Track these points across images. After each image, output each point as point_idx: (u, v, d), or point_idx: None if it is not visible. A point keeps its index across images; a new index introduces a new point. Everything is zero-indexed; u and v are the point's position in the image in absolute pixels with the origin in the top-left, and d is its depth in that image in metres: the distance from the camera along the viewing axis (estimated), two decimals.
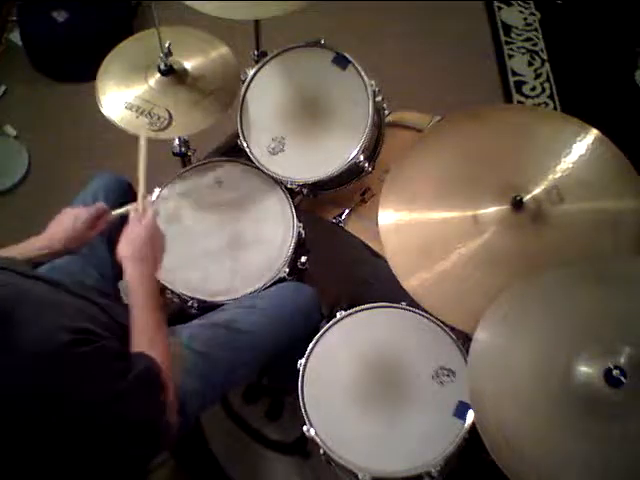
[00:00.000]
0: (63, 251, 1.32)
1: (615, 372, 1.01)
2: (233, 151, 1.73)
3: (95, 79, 1.59)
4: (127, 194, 1.62)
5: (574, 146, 1.32)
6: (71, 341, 0.99)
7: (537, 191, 1.29)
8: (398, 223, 1.35)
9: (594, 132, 1.32)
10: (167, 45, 1.53)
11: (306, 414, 1.32)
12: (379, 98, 1.55)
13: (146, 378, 1.09)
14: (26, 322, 0.98)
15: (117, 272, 1.53)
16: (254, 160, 1.59)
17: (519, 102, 2.50)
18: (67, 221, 1.32)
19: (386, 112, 1.64)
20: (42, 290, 1.12)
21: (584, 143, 1.32)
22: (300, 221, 1.56)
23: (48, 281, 1.16)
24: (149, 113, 1.54)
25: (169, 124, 1.54)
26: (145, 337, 1.16)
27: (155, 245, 1.28)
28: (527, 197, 1.27)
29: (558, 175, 1.30)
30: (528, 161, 1.33)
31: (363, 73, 1.55)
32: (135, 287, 1.21)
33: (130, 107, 1.55)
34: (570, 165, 1.30)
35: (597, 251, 1.25)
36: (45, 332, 0.99)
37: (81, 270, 1.44)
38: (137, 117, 1.54)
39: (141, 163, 1.34)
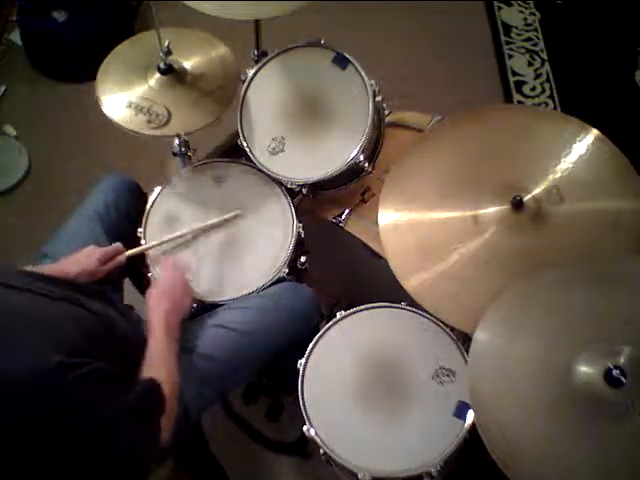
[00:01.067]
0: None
1: (615, 372, 1.01)
2: (233, 151, 1.73)
3: (95, 79, 1.59)
4: (136, 195, 1.62)
5: (574, 146, 1.32)
6: (58, 367, 0.97)
7: (537, 191, 1.29)
8: (398, 223, 1.35)
9: (594, 132, 1.32)
10: (167, 44, 1.53)
11: (306, 414, 1.32)
12: (379, 98, 1.55)
13: (146, 402, 1.10)
14: (8, 346, 0.97)
15: (127, 270, 1.54)
16: (254, 160, 1.59)
17: (519, 102, 2.50)
18: (81, 258, 1.35)
19: (386, 112, 1.64)
20: (31, 306, 1.09)
21: (584, 143, 1.32)
22: (300, 221, 1.56)
23: (42, 293, 1.13)
24: (148, 111, 1.54)
25: (168, 122, 1.54)
26: (156, 367, 1.17)
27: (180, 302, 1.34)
28: (527, 197, 1.27)
29: (558, 175, 1.30)
30: (528, 161, 1.33)
31: (363, 73, 1.55)
32: (157, 319, 1.24)
33: (129, 105, 1.55)
34: (570, 165, 1.30)
35: (597, 251, 1.25)
36: (31, 358, 0.97)
37: None
38: (136, 115, 1.55)
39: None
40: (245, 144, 1.60)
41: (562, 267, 1.18)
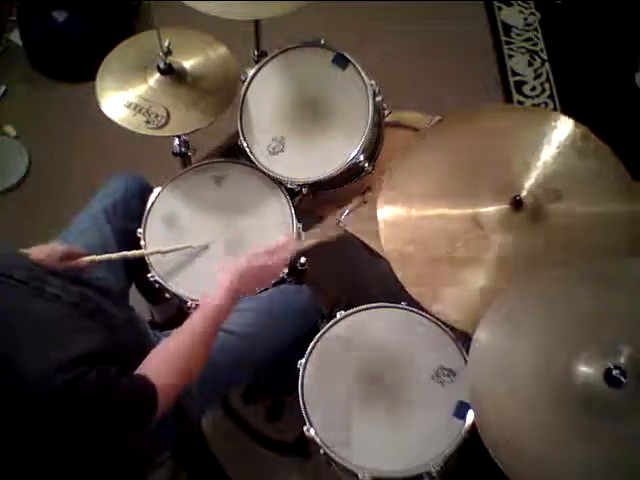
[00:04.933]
0: None
1: (615, 372, 1.01)
2: (233, 151, 1.73)
3: (95, 79, 1.59)
4: (145, 195, 1.61)
5: (573, 145, 1.32)
6: (69, 379, 0.96)
7: (536, 190, 1.29)
8: (397, 224, 1.35)
9: (591, 131, 1.32)
10: (166, 44, 1.53)
11: (306, 414, 1.32)
12: (379, 98, 1.55)
13: (139, 399, 1.06)
14: (22, 354, 0.96)
15: (129, 273, 1.53)
16: (254, 160, 1.59)
17: (519, 102, 2.50)
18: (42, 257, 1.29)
19: (386, 112, 1.64)
20: (41, 307, 1.07)
21: (583, 142, 1.32)
22: (300, 221, 1.56)
23: (49, 292, 1.12)
24: (147, 111, 1.54)
25: (166, 122, 1.54)
26: (167, 363, 1.12)
27: (252, 286, 1.27)
28: (527, 196, 1.27)
29: (557, 174, 1.30)
30: (527, 161, 1.33)
31: (363, 73, 1.55)
32: (203, 313, 1.16)
33: (128, 105, 1.55)
34: (569, 164, 1.30)
35: (597, 250, 1.25)
36: (43, 368, 0.96)
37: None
38: (134, 115, 1.54)
39: None
40: (245, 144, 1.60)
41: (562, 267, 1.18)
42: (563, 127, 1.35)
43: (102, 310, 1.17)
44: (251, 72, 1.63)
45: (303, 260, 1.55)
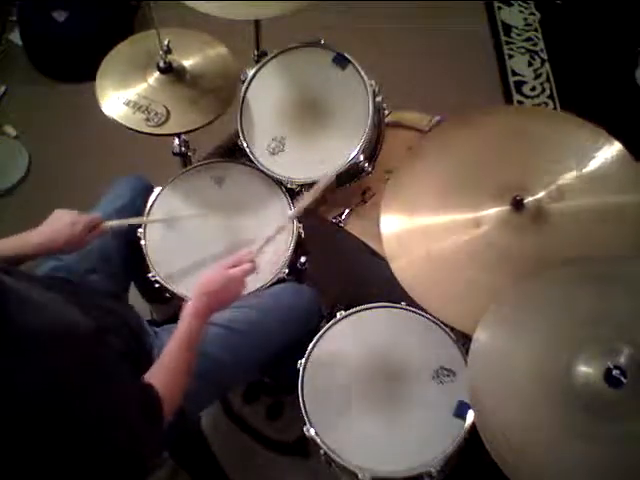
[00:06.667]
0: (58, 252, 1.33)
1: (615, 372, 1.01)
2: (233, 151, 1.73)
3: (95, 79, 1.59)
4: (148, 194, 1.61)
5: (572, 144, 1.32)
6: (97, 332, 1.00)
7: (537, 190, 1.29)
8: (398, 224, 1.35)
9: (592, 128, 1.32)
10: (166, 43, 1.53)
11: (306, 414, 1.32)
12: (379, 98, 1.55)
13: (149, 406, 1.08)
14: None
15: (128, 272, 1.54)
16: (254, 160, 1.59)
17: (519, 102, 2.50)
18: (66, 226, 1.31)
19: (386, 112, 1.64)
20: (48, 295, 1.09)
21: (583, 140, 1.32)
22: (300, 221, 1.56)
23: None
24: (147, 109, 1.55)
25: (166, 121, 1.54)
26: (168, 375, 1.14)
27: (224, 297, 1.24)
28: (527, 196, 1.27)
29: (557, 173, 1.30)
30: (527, 161, 1.33)
31: (363, 73, 1.55)
32: (185, 322, 1.18)
33: (128, 103, 1.55)
34: (569, 163, 1.30)
35: (597, 249, 1.24)
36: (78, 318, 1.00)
37: (85, 269, 1.44)
38: (134, 113, 1.55)
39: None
40: (245, 144, 1.60)
41: (562, 267, 1.18)
42: (565, 126, 1.36)
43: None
44: (251, 72, 1.63)
45: (303, 260, 1.55)
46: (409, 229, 1.34)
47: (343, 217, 1.62)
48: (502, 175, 1.32)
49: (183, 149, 1.71)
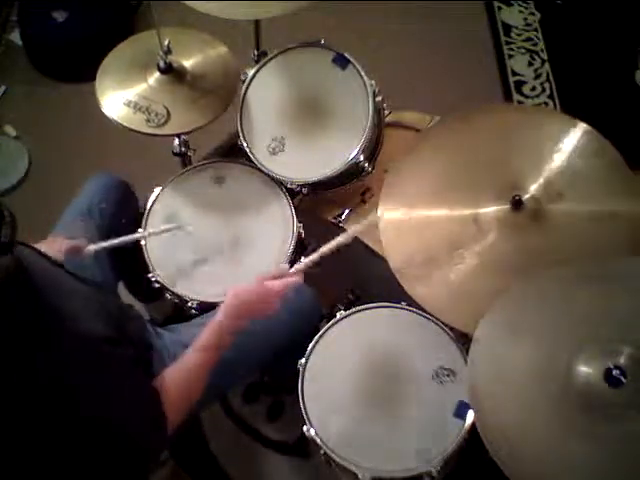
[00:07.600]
0: None
1: (615, 372, 1.01)
2: (233, 151, 1.73)
3: (95, 79, 1.59)
4: (126, 195, 1.62)
5: (572, 143, 1.31)
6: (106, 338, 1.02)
7: (536, 190, 1.28)
8: (398, 224, 1.34)
9: (590, 129, 1.32)
10: (166, 43, 1.53)
11: (306, 414, 1.32)
12: (379, 98, 1.55)
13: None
14: (73, 316, 1.01)
15: (116, 271, 1.54)
16: (254, 160, 1.59)
17: (519, 102, 2.50)
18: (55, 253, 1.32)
19: (386, 112, 1.64)
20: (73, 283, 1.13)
21: (582, 140, 1.31)
22: (300, 221, 1.56)
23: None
24: (147, 110, 1.55)
25: (167, 121, 1.54)
26: (180, 386, 1.17)
27: (254, 313, 1.25)
28: (526, 196, 1.27)
29: (557, 173, 1.30)
30: (526, 160, 1.33)
31: (363, 73, 1.55)
32: (210, 332, 1.20)
33: (128, 103, 1.55)
34: (568, 162, 1.30)
35: (597, 249, 1.24)
36: (87, 327, 1.01)
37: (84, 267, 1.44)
38: (134, 113, 1.55)
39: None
40: (245, 144, 1.60)
41: (562, 267, 1.18)
42: (565, 126, 1.35)
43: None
44: (251, 72, 1.64)
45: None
46: (408, 229, 1.33)
47: (343, 217, 1.62)
48: (501, 174, 1.32)
49: (183, 149, 1.71)
